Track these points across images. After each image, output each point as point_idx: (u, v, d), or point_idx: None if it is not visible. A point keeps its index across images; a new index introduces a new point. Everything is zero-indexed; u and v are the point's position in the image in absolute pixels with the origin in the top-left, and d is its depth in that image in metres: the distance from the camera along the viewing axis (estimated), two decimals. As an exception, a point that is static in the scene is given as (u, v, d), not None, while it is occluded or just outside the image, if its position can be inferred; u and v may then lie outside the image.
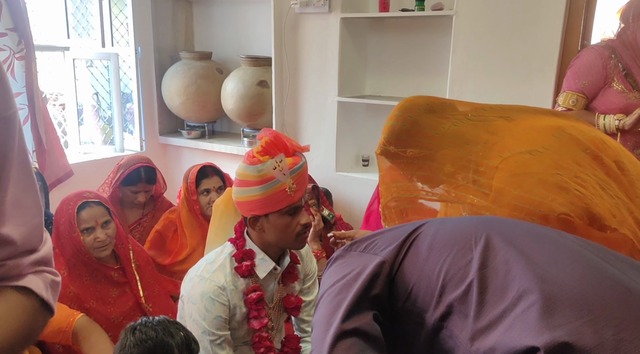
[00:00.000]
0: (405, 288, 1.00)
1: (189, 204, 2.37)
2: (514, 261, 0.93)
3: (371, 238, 1.13)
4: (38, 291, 0.66)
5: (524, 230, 1.05)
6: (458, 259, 0.97)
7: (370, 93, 3.33)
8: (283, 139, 1.56)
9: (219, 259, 1.64)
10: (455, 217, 1.17)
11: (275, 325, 1.74)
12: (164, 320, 1.33)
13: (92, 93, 3.66)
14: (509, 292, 0.88)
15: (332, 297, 1.03)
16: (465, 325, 0.90)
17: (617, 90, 2.20)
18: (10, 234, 0.63)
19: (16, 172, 0.64)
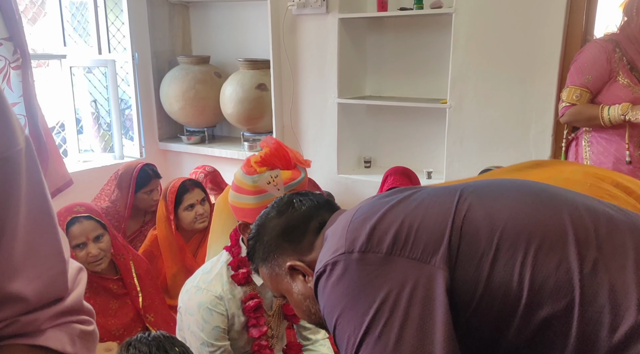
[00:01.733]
0: (470, 299, 0.78)
1: (167, 223, 2.30)
2: (623, 258, 0.76)
3: (393, 229, 0.83)
4: (60, 347, 0.60)
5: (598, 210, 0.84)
6: (542, 261, 0.76)
7: (370, 94, 3.29)
8: (285, 151, 1.52)
9: (215, 268, 1.61)
10: (495, 188, 0.90)
11: (276, 333, 1.70)
12: (159, 336, 1.30)
13: (90, 100, 3.64)
14: (630, 306, 0.71)
15: (393, 343, 0.75)
16: (572, 348, 0.74)
17: (623, 84, 2.14)
18: (21, 290, 0.56)
19: (26, 217, 0.57)
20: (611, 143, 2.20)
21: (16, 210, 0.56)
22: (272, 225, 1.05)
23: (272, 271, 1.05)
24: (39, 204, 0.59)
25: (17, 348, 0.57)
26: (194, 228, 2.34)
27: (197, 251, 2.40)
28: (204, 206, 2.35)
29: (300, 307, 1.04)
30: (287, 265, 1.01)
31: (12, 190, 0.55)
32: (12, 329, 0.57)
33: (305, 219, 1.03)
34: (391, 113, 3.22)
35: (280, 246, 1.03)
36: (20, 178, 0.56)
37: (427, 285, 0.77)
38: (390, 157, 3.27)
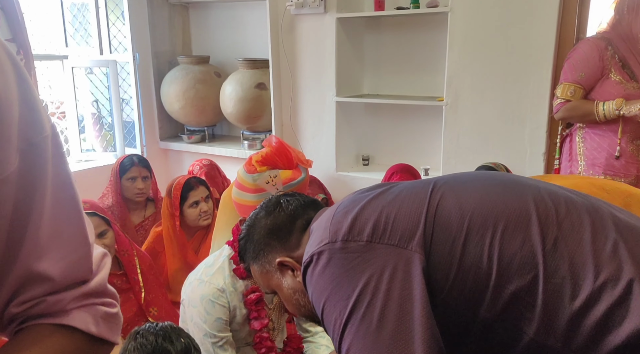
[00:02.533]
0: (444, 280, 0.85)
1: (172, 220, 2.35)
2: (580, 234, 0.83)
3: (373, 219, 0.90)
4: (85, 327, 0.61)
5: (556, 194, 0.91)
6: (508, 241, 0.83)
7: (368, 92, 3.33)
8: (287, 150, 1.55)
9: (217, 262, 1.65)
10: (465, 179, 0.98)
11: (277, 326, 1.74)
12: (166, 326, 1.34)
13: (92, 100, 3.68)
14: (587, 277, 0.79)
15: (377, 325, 0.81)
16: (537, 318, 0.81)
17: (615, 81, 2.19)
18: (48, 270, 0.58)
19: (52, 201, 0.58)
20: (604, 138, 2.24)
21: (43, 194, 0.58)
22: (261, 225, 1.11)
23: (263, 268, 1.11)
24: (65, 189, 0.61)
25: (43, 327, 0.59)
26: (198, 225, 2.37)
27: (199, 248, 2.44)
28: (208, 203, 2.39)
29: (290, 301, 1.10)
30: (277, 262, 1.07)
31: (39, 175, 0.57)
32: (39, 309, 0.59)
33: (292, 218, 1.09)
34: (389, 111, 3.26)
35: (269, 244, 1.09)
36: (47, 164, 0.58)
37: (405, 267, 0.84)
38: (388, 155, 3.31)
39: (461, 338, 0.88)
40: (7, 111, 0.53)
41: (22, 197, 0.56)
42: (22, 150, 0.55)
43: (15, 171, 0.54)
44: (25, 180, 0.56)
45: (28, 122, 0.56)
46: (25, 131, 0.55)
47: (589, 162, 2.27)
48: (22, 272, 0.57)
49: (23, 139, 0.55)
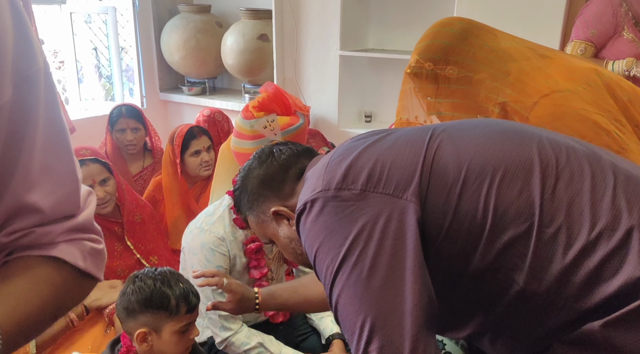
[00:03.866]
0: (439, 229, 0.84)
1: (173, 167, 2.33)
2: (580, 185, 0.82)
3: (368, 168, 0.87)
4: (72, 260, 0.62)
5: (560, 142, 0.89)
6: (505, 190, 0.82)
7: (373, 46, 3.26)
8: (283, 96, 1.52)
9: (217, 211, 1.64)
10: (465, 126, 0.96)
11: (275, 276, 1.75)
12: (165, 271, 1.34)
13: (91, 48, 3.60)
14: (584, 226, 0.78)
15: (368, 272, 0.81)
16: (528, 267, 0.80)
17: (628, 39, 2.13)
18: (38, 202, 0.59)
19: (43, 136, 0.59)
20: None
21: (35, 127, 0.58)
22: (254, 175, 1.09)
23: (258, 218, 1.10)
24: (55, 124, 0.61)
25: (32, 258, 0.60)
26: (198, 174, 2.36)
27: (199, 197, 2.44)
28: (209, 153, 2.37)
29: (287, 250, 1.09)
30: (271, 211, 1.06)
31: (31, 108, 0.57)
32: (28, 239, 0.60)
33: (285, 167, 1.07)
34: (393, 67, 3.19)
35: (263, 194, 1.08)
36: (39, 98, 0.58)
37: (399, 217, 0.82)
38: (391, 112, 3.25)
39: (451, 287, 0.88)
40: (2, 41, 0.53)
41: (14, 129, 0.56)
42: (15, 82, 0.55)
43: (9, 102, 0.55)
44: (17, 112, 0.56)
45: (21, 54, 0.56)
46: (18, 63, 0.56)
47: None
48: (12, 203, 0.58)
49: (16, 71, 0.55)
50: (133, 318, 1.28)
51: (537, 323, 0.83)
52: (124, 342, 1.33)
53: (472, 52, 1.37)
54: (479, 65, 1.36)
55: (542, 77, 1.32)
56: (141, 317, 1.27)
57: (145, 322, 1.27)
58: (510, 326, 0.86)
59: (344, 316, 0.84)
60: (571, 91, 1.27)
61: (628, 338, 0.74)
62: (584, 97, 1.27)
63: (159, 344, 1.29)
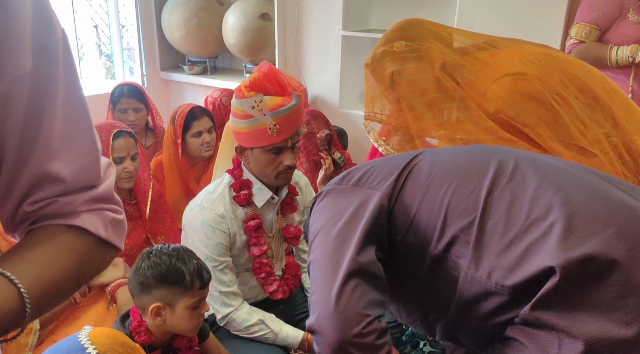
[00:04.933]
0: (405, 221, 1.01)
1: (175, 147, 2.33)
2: (526, 185, 0.94)
3: (362, 170, 1.11)
4: (94, 230, 0.63)
5: (525, 157, 1.04)
6: (460, 189, 0.98)
7: (375, 27, 3.23)
8: (276, 76, 1.49)
9: (218, 189, 1.65)
10: (451, 147, 1.21)
11: (276, 254, 1.77)
12: (178, 248, 1.36)
13: (92, 26, 3.58)
14: (520, 218, 0.90)
15: (333, 235, 1.01)
16: (470, 254, 0.93)
17: (632, 22, 2.12)
18: (60, 171, 0.60)
19: (63, 106, 0.59)
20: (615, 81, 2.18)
21: (55, 96, 0.58)
22: None
23: None
24: (75, 94, 0.61)
25: (55, 227, 0.61)
26: (199, 155, 2.36)
27: (200, 178, 2.44)
28: (211, 135, 2.36)
29: None
30: None
31: (51, 77, 0.58)
32: (51, 209, 0.61)
33: None
34: (396, 48, 3.18)
35: None
36: (58, 67, 0.59)
37: (367, 200, 1.04)
38: (393, 93, 3.25)
39: (414, 277, 1.03)
40: (21, 9, 0.54)
41: (35, 98, 0.57)
42: (35, 50, 0.56)
43: (29, 71, 0.55)
44: (38, 81, 0.57)
45: (40, 23, 0.56)
46: (37, 32, 0.56)
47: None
48: (35, 172, 0.59)
49: (36, 40, 0.56)
50: (148, 293, 1.30)
51: (480, 309, 0.94)
52: (134, 317, 1.35)
53: (420, 31, 1.52)
54: (427, 37, 1.50)
55: (494, 62, 1.47)
56: (156, 292, 1.29)
57: (159, 297, 1.29)
58: (466, 318, 0.98)
59: (310, 267, 1.05)
60: (520, 73, 1.40)
61: (554, 318, 0.83)
62: (531, 71, 1.39)
63: (172, 319, 1.31)
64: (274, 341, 1.62)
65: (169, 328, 1.34)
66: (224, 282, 1.61)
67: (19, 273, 0.55)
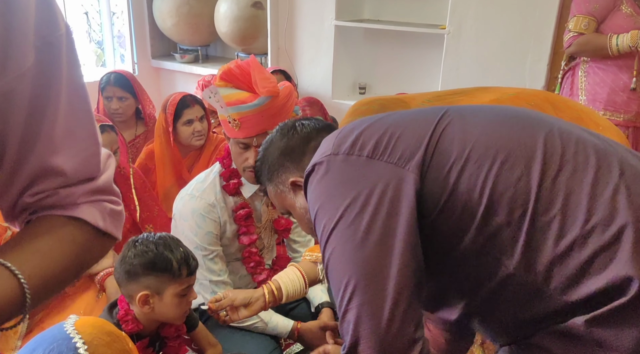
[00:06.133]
0: (435, 203, 0.85)
1: (166, 135, 2.30)
2: (581, 177, 0.81)
3: (376, 136, 0.89)
4: (93, 221, 0.64)
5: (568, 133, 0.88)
6: (506, 174, 0.82)
7: (369, 17, 3.22)
8: (251, 71, 1.47)
9: (208, 178, 1.64)
10: (477, 108, 0.98)
11: (266, 245, 1.76)
12: (164, 236, 1.35)
13: (82, 12, 3.53)
14: (578, 218, 0.78)
15: (362, 234, 0.83)
16: (518, 253, 0.81)
17: (626, 14, 2.12)
18: (62, 165, 0.61)
19: (66, 101, 0.60)
20: (607, 73, 2.20)
21: (58, 91, 0.59)
22: (275, 147, 1.13)
23: (277, 188, 1.14)
24: (77, 89, 0.62)
25: (55, 218, 0.62)
26: (190, 144, 2.34)
27: (192, 167, 2.42)
28: (202, 123, 2.34)
29: (303, 220, 1.13)
30: (290, 182, 1.10)
31: (54, 73, 0.58)
32: (52, 200, 0.62)
33: (306, 140, 1.11)
34: (389, 38, 3.16)
35: (282, 165, 1.11)
36: (61, 63, 0.59)
37: (397, 186, 0.85)
38: (386, 84, 3.25)
39: (441, 264, 0.89)
40: (25, 5, 0.54)
41: (38, 93, 0.58)
42: (38, 47, 0.56)
43: (32, 67, 0.56)
44: (41, 77, 0.57)
45: (44, 19, 0.57)
46: (41, 28, 0.56)
47: (590, 97, 2.24)
48: (37, 165, 0.60)
49: (39, 36, 0.56)
50: (135, 281, 1.29)
51: (522, 310, 0.84)
52: (121, 306, 1.34)
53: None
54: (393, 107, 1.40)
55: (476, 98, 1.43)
56: (144, 280, 1.28)
57: (147, 285, 1.29)
58: (497, 310, 0.88)
59: (333, 274, 0.87)
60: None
61: (609, 334, 0.75)
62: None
63: (161, 307, 1.31)
64: (264, 331, 1.62)
65: (157, 316, 1.34)
66: (214, 271, 1.60)
67: (19, 264, 0.56)
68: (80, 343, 0.94)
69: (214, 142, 2.44)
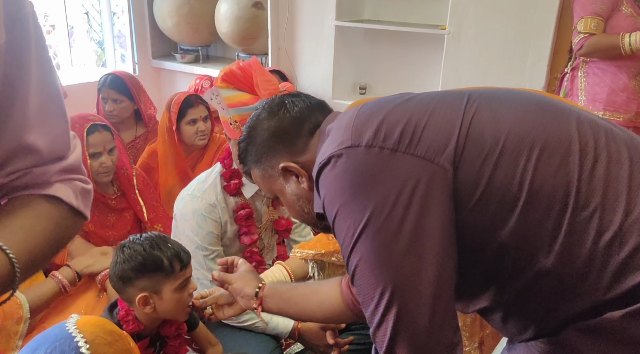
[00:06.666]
0: (469, 197, 0.79)
1: (170, 135, 2.31)
2: (617, 169, 0.77)
3: (401, 125, 0.82)
4: (67, 199, 0.65)
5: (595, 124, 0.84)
6: (544, 166, 0.77)
7: (369, 17, 3.22)
8: (253, 73, 1.47)
9: (209, 178, 1.65)
10: (501, 92, 0.91)
11: (267, 245, 1.77)
12: (151, 235, 1.34)
13: (83, 12, 3.54)
14: (618, 212, 0.75)
15: (391, 236, 0.78)
16: (557, 249, 0.77)
17: (626, 14, 2.12)
18: (36, 142, 0.62)
19: (36, 78, 0.61)
20: (607, 74, 2.20)
21: (28, 69, 0.60)
22: (264, 127, 1.01)
23: (265, 172, 1.03)
24: (47, 66, 0.63)
25: (31, 197, 0.64)
26: (193, 143, 2.35)
27: (194, 167, 2.43)
28: (206, 123, 2.35)
29: (293, 207, 1.04)
30: (280, 167, 0.99)
31: (24, 51, 0.59)
32: (26, 179, 0.63)
33: (299, 121, 1.00)
34: (389, 39, 3.17)
35: (273, 148, 1.00)
36: (30, 41, 0.60)
37: (428, 183, 0.78)
38: (386, 84, 3.25)
39: (471, 259, 0.84)
40: None
41: (10, 71, 0.58)
42: (7, 25, 0.57)
43: (3, 45, 0.57)
44: (12, 54, 0.58)
45: None
46: (7, 6, 0.57)
47: (590, 98, 2.24)
48: (11, 144, 0.60)
49: (7, 14, 0.57)
50: (130, 285, 1.29)
51: (554, 306, 0.80)
52: (121, 306, 1.34)
53: None
54: None
55: None
56: (139, 283, 1.28)
57: (143, 287, 1.28)
58: (526, 306, 0.84)
59: (362, 281, 0.81)
60: None
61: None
62: None
63: (162, 305, 1.31)
64: (264, 330, 1.62)
65: (161, 315, 1.34)
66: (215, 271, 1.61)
67: (6, 241, 0.58)
68: (82, 342, 0.94)
69: (217, 142, 2.45)
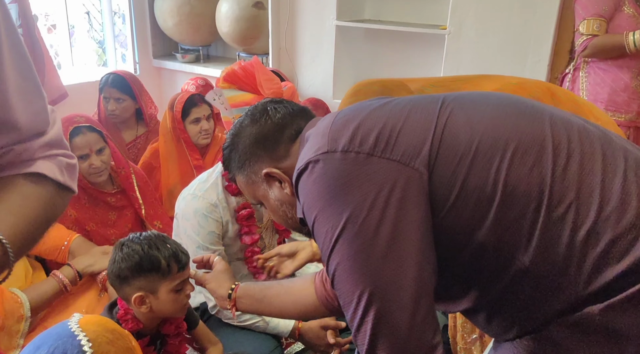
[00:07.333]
0: (444, 200, 0.80)
1: (175, 134, 2.30)
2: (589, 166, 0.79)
3: (376, 130, 0.83)
4: (52, 176, 0.66)
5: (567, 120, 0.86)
6: (517, 165, 0.79)
7: (370, 17, 3.22)
8: (255, 73, 1.48)
9: (210, 178, 1.65)
10: (477, 95, 0.94)
11: (268, 245, 1.77)
12: (150, 235, 1.34)
13: (84, 12, 3.54)
14: (592, 208, 0.76)
15: (368, 240, 0.78)
16: (533, 247, 0.78)
17: (628, 15, 2.12)
18: (17, 118, 0.62)
19: (9, 57, 0.61)
20: (608, 73, 2.20)
21: (1, 48, 0.60)
22: (246, 134, 1.03)
23: (249, 179, 1.05)
24: (18, 44, 0.64)
25: (16, 178, 0.64)
26: (197, 142, 2.35)
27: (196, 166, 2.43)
28: (209, 122, 2.35)
29: (277, 212, 1.05)
30: (263, 173, 1.01)
31: None
32: (8, 158, 0.63)
33: (280, 127, 1.01)
34: (390, 38, 3.17)
35: (255, 154, 1.02)
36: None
37: (404, 186, 0.79)
38: (386, 84, 3.24)
39: (450, 260, 0.85)
40: None
41: None
42: None
43: None
44: None
45: None
46: None
47: (591, 97, 2.24)
48: None
49: None
50: (127, 284, 1.30)
51: (537, 303, 0.81)
52: (121, 305, 1.35)
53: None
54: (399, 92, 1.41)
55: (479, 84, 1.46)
56: (135, 282, 1.29)
57: (140, 286, 1.29)
58: (508, 306, 0.85)
59: (341, 285, 0.82)
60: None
61: (625, 321, 0.74)
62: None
63: (158, 305, 1.31)
64: (265, 330, 1.62)
65: (157, 314, 1.34)
66: (216, 271, 1.61)
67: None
68: (85, 340, 0.94)
69: (219, 142, 2.45)
